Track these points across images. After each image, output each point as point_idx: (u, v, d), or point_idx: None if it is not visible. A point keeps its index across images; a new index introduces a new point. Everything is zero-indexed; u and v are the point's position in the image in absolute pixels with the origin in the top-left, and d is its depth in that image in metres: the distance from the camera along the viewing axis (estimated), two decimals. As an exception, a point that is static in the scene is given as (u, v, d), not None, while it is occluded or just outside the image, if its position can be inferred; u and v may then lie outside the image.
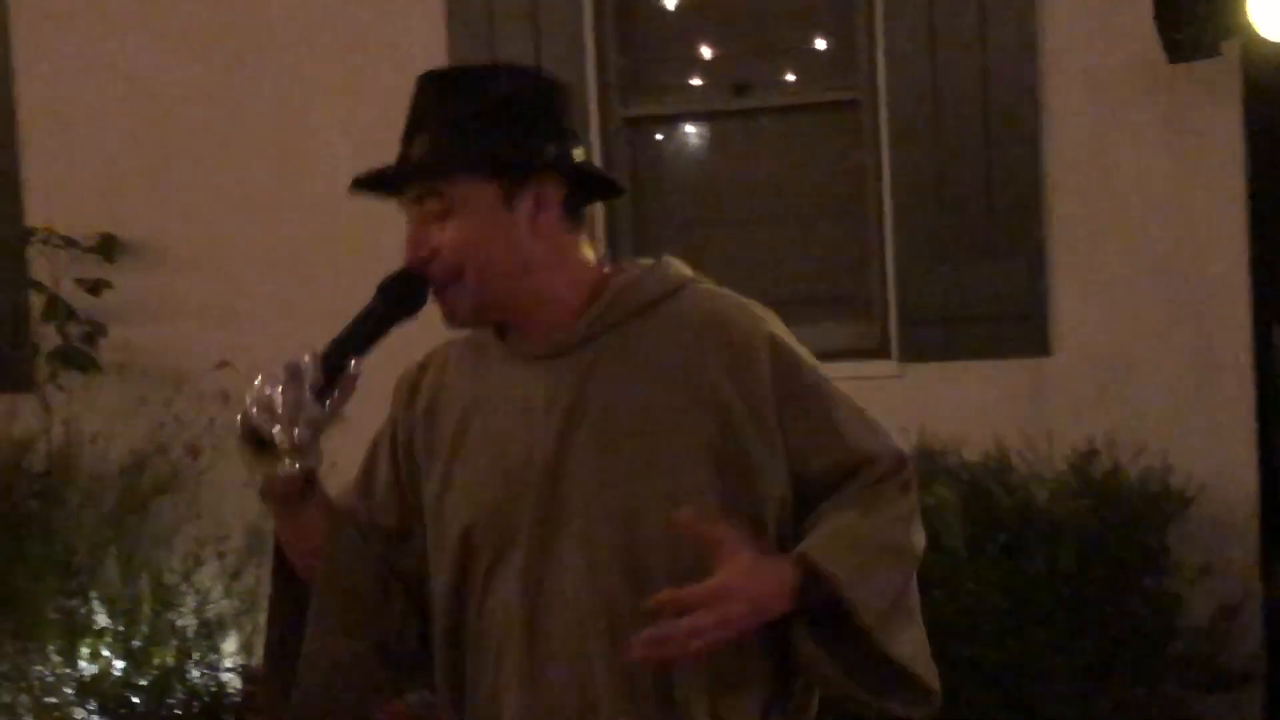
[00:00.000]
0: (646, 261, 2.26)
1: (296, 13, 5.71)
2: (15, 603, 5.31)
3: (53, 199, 5.81)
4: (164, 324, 5.72)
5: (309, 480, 2.14)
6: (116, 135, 5.81)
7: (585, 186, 2.22)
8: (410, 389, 2.27)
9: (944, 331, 5.35)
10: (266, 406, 2.05)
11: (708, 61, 5.73)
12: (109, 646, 5.39)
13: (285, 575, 2.25)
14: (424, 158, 2.13)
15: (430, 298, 2.15)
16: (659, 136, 5.79)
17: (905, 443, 5.01)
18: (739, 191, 5.71)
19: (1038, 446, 5.06)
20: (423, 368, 2.28)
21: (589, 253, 2.21)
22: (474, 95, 2.14)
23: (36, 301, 5.71)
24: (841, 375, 2.30)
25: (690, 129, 5.78)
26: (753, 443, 2.09)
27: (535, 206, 2.12)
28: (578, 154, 2.18)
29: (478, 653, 2.16)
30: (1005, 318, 5.31)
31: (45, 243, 5.64)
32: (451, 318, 2.16)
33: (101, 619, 5.41)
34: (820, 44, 5.66)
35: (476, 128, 2.11)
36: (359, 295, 2.20)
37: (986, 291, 5.31)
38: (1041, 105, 5.28)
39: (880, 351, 5.43)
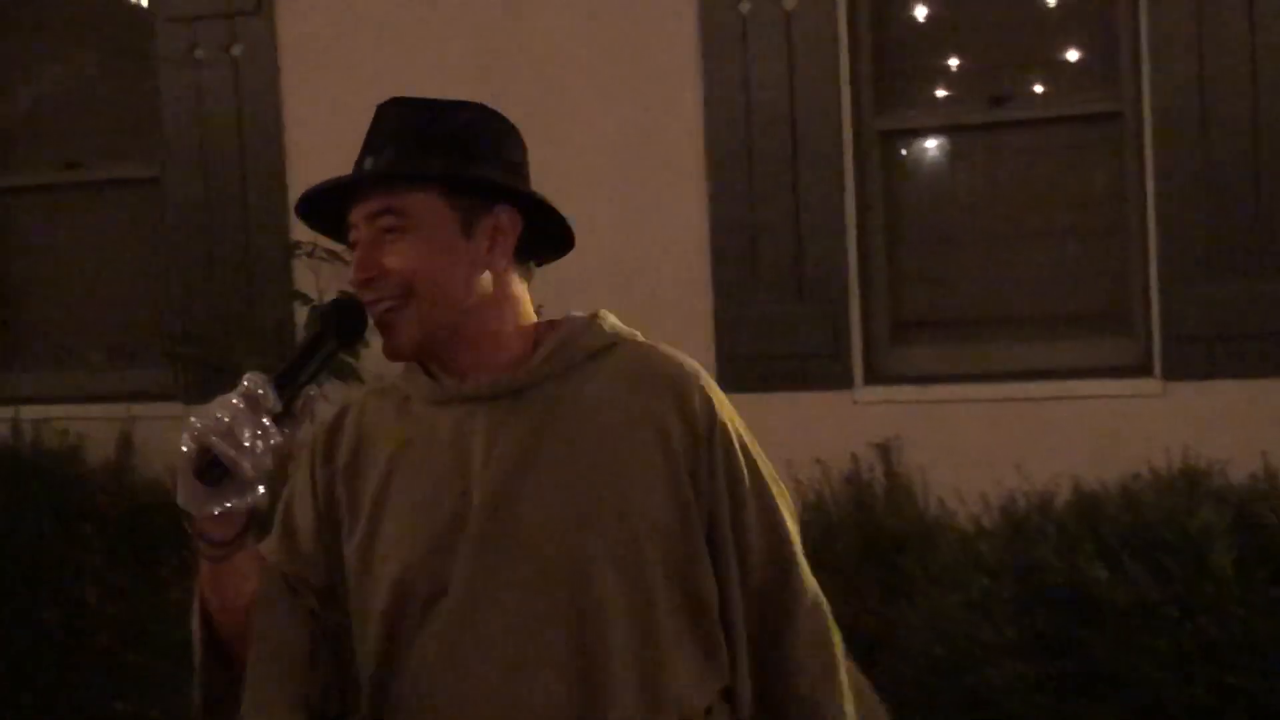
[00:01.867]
0: (582, 315, 2.21)
1: (555, 40, 5.79)
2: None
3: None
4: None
5: (251, 516, 2.02)
6: (379, 152, 5.96)
7: (540, 239, 2.20)
8: (328, 443, 2.19)
9: (1210, 349, 5.18)
10: (227, 433, 1.91)
11: (962, 73, 5.66)
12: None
13: (210, 631, 2.10)
14: (385, 168, 2.08)
15: (371, 327, 2.10)
16: (912, 149, 5.73)
17: (1168, 463, 4.93)
18: (994, 205, 5.62)
19: (1307, 470, 4.88)
20: (338, 421, 2.21)
21: (529, 301, 2.19)
22: (437, 119, 2.14)
23: (301, 313, 5.88)
24: (1101, 393, 2.26)
25: (944, 142, 5.71)
26: (689, 481, 2.07)
27: (491, 238, 2.09)
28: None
29: (405, 706, 2.06)
30: (1274, 335, 5.12)
31: (309, 256, 5.79)
32: (394, 346, 2.10)
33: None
34: (1079, 54, 5.54)
35: (440, 148, 2.09)
36: (610, 307, 2.20)
37: (1255, 307, 5.13)
38: (1315, 114, 5.10)
39: (1142, 370, 5.29)
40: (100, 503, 5.67)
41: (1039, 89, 5.56)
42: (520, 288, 2.17)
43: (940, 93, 5.67)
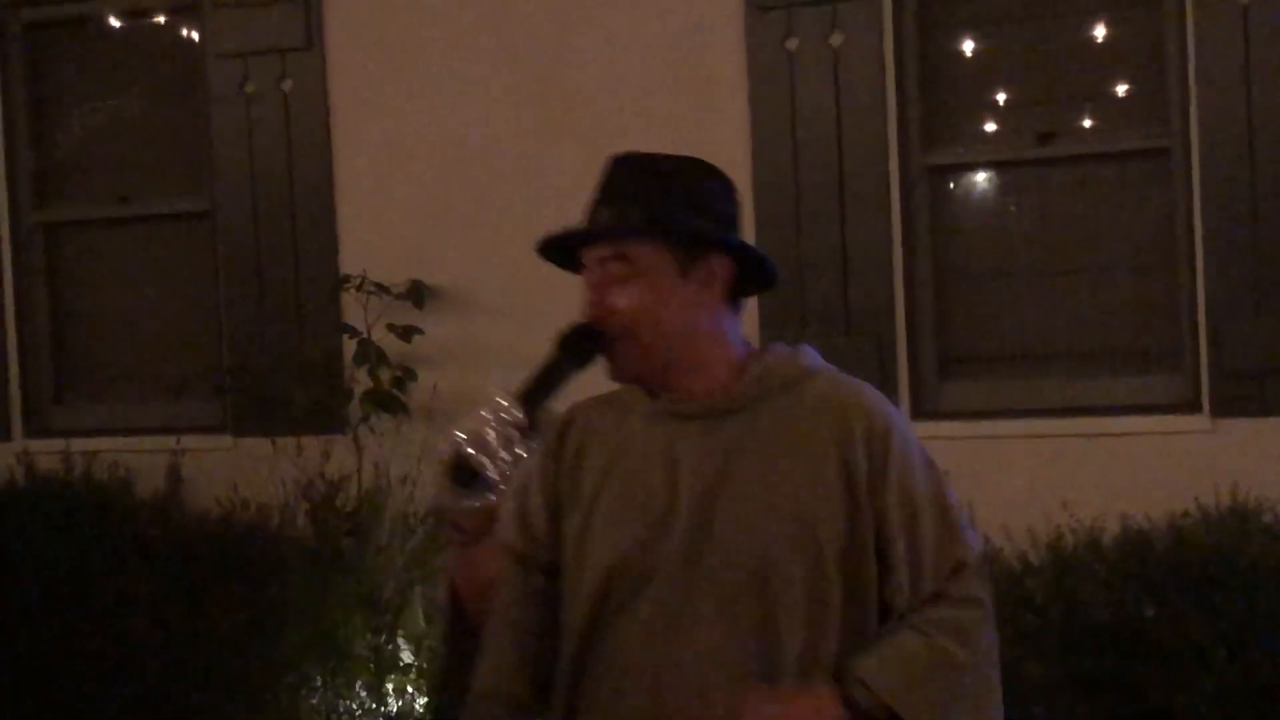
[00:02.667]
0: (787, 348, 2.47)
1: (602, 69, 5.83)
2: (326, 638, 5.50)
3: (366, 247, 6.03)
4: (470, 369, 5.86)
5: (494, 513, 2.35)
6: (427, 186, 6.01)
7: (748, 277, 2.46)
8: (558, 441, 2.48)
9: (1260, 385, 5.15)
10: (480, 442, 2.26)
11: (1009, 108, 5.65)
12: (414, 684, 5.53)
13: (458, 610, 2.48)
14: (615, 222, 2.37)
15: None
16: (959, 184, 5.73)
17: (1216, 500, 4.90)
18: (1040, 241, 5.60)
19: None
20: (567, 421, 2.49)
21: (738, 333, 2.46)
22: (661, 176, 2.43)
23: (349, 346, 5.91)
24: (1149, 429, 2.28)
25: (992, 177, 5.71)
26: (866, 498, 2.33)
27: (706, 279, 2.38)
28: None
29: (599, 685, 2.36)
30: (1324, 371, 5.10)
31: (358, 289, 5.83)
32: (618, 371, 2.42)
33: (407, 656, 5.55)
34: (1127, 90, 5.53)
35: (662, 203, 2.38)
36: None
37: (1308, 346, 5.11)
38: (1365, 150, 5.08)
39: (1191, 406, 5.26)
40: (149, 536, 5.71)
41: (1087, 124, 5.55)
42: (730, 321, 2.45)
43: (988, 128, 5.66)
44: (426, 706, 5.42)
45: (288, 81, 6.16)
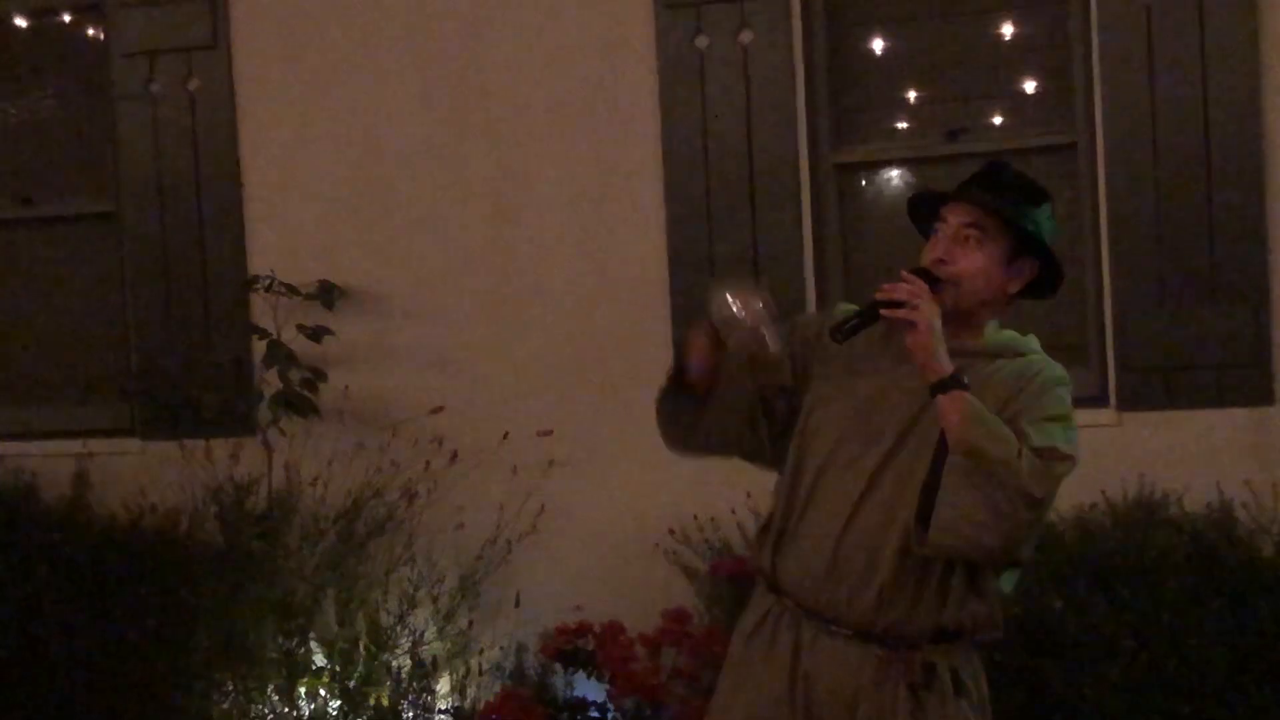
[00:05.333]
0: (1013, 335, 3.11)
1: (514, 70, 5.81)
2: (237, 642, 5.45)
3: (274, 248, 5.98)
4: (381, 370, 5.84)
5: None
6: (336, 186, 5.97)
7: (1040, 282, 3.10)
8: (820, 326, 3.14)
9: (1165, 379, 5.22)
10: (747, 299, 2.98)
11: (918, 106, 5.69)
12: (326, 687, 5.50)
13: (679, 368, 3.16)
14: (995, 202, 2.97)
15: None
16: (870, 181, 5.76)
17: (1123, 493, 4.95)
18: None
19: (1263, 498, 4.91)
20: (836, 317, 3.07)
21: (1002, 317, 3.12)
22: (1026, 189, 3.03)
23: (259, 348, 5.86)
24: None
25: (901, 173, 5.74)
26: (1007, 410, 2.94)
27: (1017, 272, 3.02)
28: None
29: (817, 501, 3.03)
30: (1228, 365, 5.17)
31: (267, 289, 5.78)
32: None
33: (319, 659, 5.52)
34: (1034, 87, 5.58)
35: (1023, 206, 3.00)
36: (570, 341, 2.22)
37: (1209, 338, 5.17)
38: (1265, 145, 5.15)
39: (1097, 400, 5.31)
40: (56, 541, 5.63)
41: (996, 121, 5.60)
42: (1006, 309, 3.10)
43: (897, 125, 5.70)
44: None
45: (194, 81, 6.09)
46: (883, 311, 2.92)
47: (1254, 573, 4.73)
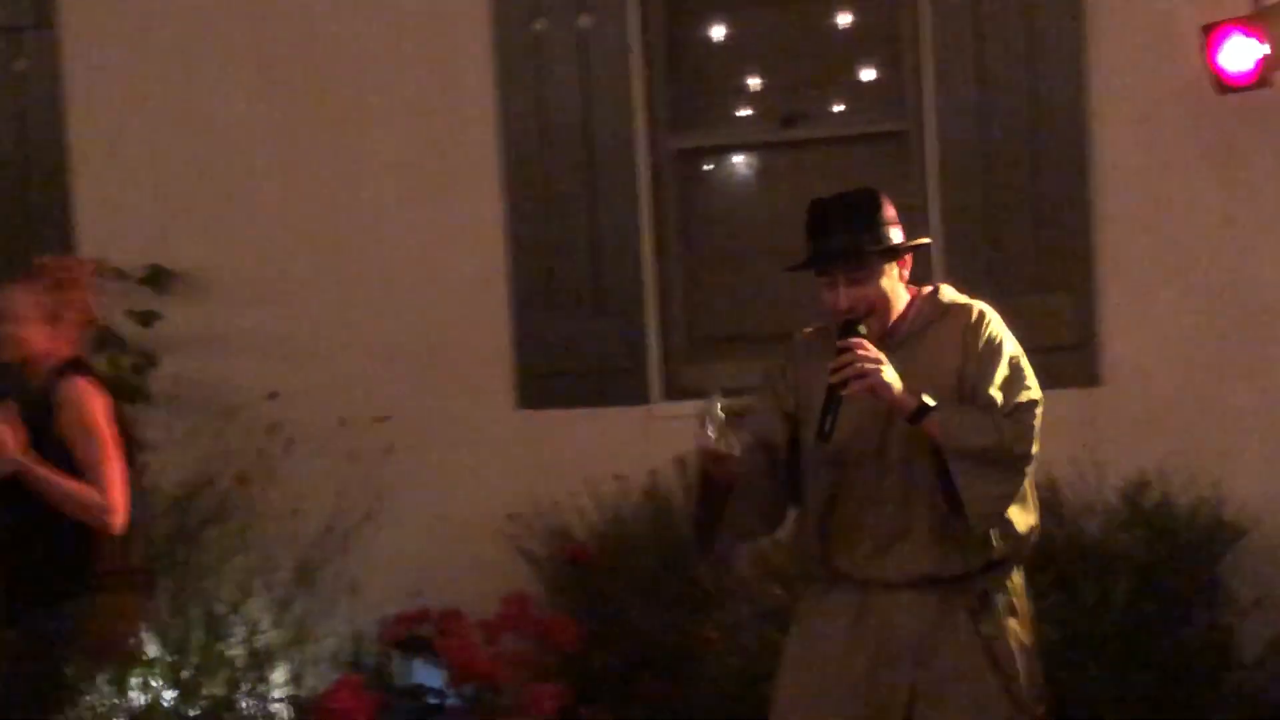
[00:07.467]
0: (928, 288, 3.47)
1: (350, 51, 5.76)
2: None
3: (104, 231, 5.85)
4: (214, 356, 5.76)
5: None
6: (168, 168, 5.87)
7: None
8: (790, 354, 3.52)
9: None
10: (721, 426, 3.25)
11: (756, 93, 5.74)
12: (159, 677, 5.41)
13: (707, 479, 3.39)
14: (852, 247, 3.33)
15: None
16: (708, 168, 5.80)
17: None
18: (788, 222, 5.66)
19: (1088, 478, 5.02)
20: (794, 342, 3.55)
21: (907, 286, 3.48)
22: (857, 206, 3.39)
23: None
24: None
25: (739, 160, 5.79)
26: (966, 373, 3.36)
27: (901, 264, 3.40)
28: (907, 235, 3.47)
29: (842, 497, 3.37)
30: (1055, 348, 5.26)
31: (96, 274, 5.66)
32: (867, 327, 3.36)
33: (152, 649, 5.43)
34: (869, 76, 5.66)
35: (876, 229, 3.36)
36: (408, 327, 2.21)
37: (1036, 322, 5.26)
38: (1090, 137, 5.28)
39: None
40: None
41: (832, 108, 5.67)
42: (904, 281, 3.42)
43: (735, 112, 5.74)
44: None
45: (20, 61, 5.96)
46: (843, 394, 3.22)
47: (1080, 551, 4.83)
